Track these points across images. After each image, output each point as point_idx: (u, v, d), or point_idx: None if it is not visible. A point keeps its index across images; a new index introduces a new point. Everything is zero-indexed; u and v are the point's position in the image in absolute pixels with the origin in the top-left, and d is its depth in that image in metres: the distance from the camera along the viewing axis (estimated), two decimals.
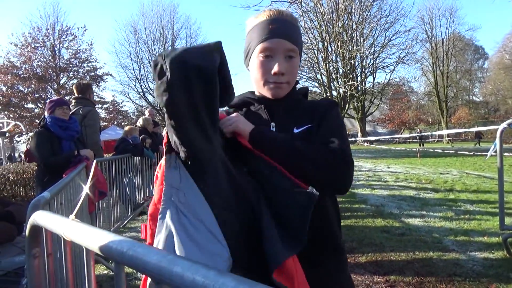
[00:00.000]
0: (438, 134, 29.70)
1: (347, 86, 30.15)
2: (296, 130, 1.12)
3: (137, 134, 6.20)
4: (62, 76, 26.25)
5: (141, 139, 6.19)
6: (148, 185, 6.52)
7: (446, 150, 18.21)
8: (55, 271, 1.20)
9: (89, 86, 4.89)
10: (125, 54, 28.87)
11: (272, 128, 1.14)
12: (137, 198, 6.00)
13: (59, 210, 2.04)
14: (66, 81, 26.11)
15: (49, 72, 25.39)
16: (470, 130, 26.69)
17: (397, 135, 31.98)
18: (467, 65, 39.66)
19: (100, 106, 27.28)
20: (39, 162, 3.65)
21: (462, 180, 8.76)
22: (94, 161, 2.25)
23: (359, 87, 33.02)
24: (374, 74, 35.73)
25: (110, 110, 28.83)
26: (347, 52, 30.56)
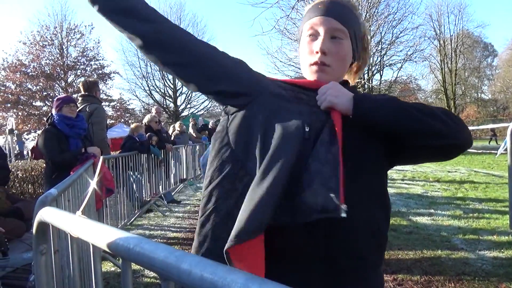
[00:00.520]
0: None
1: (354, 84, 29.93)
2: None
3: (143, 131, 6.22)
4: (69, 74, 26.42)
5: (147, 137, 6.20)
6: (155, 182, 6.54)
7: None
8: (62, 268, 1.20)
9: (95, 84, 4.91)
10: (132, 52, 28.90)
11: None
12: (144, 195, 6.02)
13: (67, 207, 2.04)
14: (73, 79, 26.28)
15: (57, 70, 25.56)
16: (479, 128, 26.43)
17: None
18: (476, 62, 39.20)
19: (107, 104, 27.39)
20: (47, 159, 3.67)
21: (471, 178, 8.68)
22: (101, 158, 2.25)
23: (366, 85, 32.76)
24: (381, 72, 35.40)
25: (117, 108, 28.94)
26: None
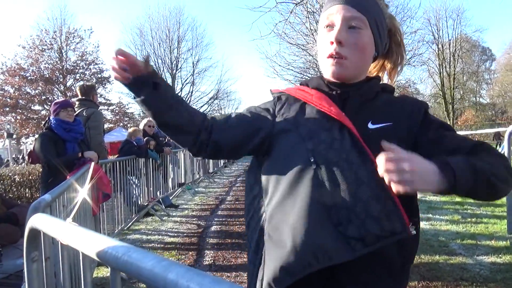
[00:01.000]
0: None
1: None
2: (372, 125, 0.95)
3: (141, 135, 6.21)
4: (68, 78, 26.41)
5: (145, 141, 6.19)
6: (152, 186, 6.52)
7: None
8: (53, 275, 1.19)
9: (92, 88, 4.91)
10: None
11: None
12: (141, 200, 6.00)
13: (61, 212, 2.03)
14: (72, 83, 26.25)
15: (56, 74, 25.57)
16: (477, 132, 26.43)
17: None
18: (474, 66, 39.30)
19: (106, 108, 27.41)
20: (43, 163, 3.66)
21: None
22: (92, 163, 2.23)
23: None
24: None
25: (116, 112, 28.95)
26: None
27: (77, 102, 4.71)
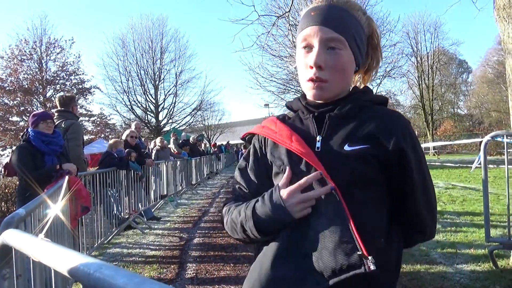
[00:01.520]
0: (425, 146, 30.06)
1: None
2: (348, 147, 0.90)
3: (122, 147, 6.12)
4: (48, 89, 25.92)
5: (126, 152, 6.10)
6: (134, 199, 6.41)
7: (432, 162, 18.42)
8: None
9: (72, 99, 4.84)
10: (113, 67, 28.59)
11: (317, 142, 0.95)
12: (122, 212, 5.89)
13: (36, 227, 1.97)
14: (52, 93, 25.76)
15: (35, 84, 25.06)
16: (455, 143, 27.07)
17: None
18: (452, 78, 40.40)
19: (87, 119, 26.96)
20: (20, 176, 3.56)
21: (449, 192, 8.83)
22: (67, 176, 2.18)
23: None
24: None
25: (98, 123, 28.50)
26: None
27: (56, 114, 4.63)
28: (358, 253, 0.80)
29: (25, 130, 3.74)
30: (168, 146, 10.05)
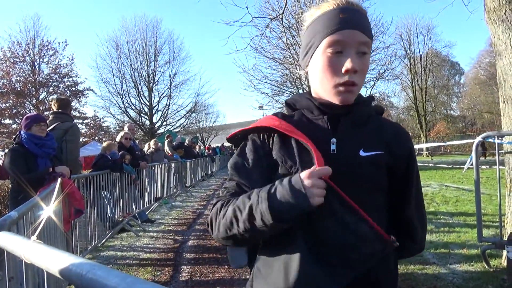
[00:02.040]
0: (418, 147, 30.24)
1: None
2: (363, 153, 0.92)
3: (116, 149, 6.09)
4: (41, 91, 25.73)
5: (120, 155, 6.07)
6: (128, 201, 6.38)
7: (425, 163, 18.55)
8: None
9: (69, 102, 4.82)
10: (106, 69, 28.44)
11: (332, 144, 0.93)
12: (116, 215, 5.86)
13: (29, 230, 1.96)
14: (45, 96, 25.59)
15: (28, 87, 24.87)
16: (448, 144, 27.27)
17: None
18: (444, 80, 40.76)
19: (80, 121, 26.80)
20: (13, 179, 3.54)
21: (442, 192, 8.90)
22: (59, 179, 2.17)
23: None
24: None
25: (91, 125, 28.33)
26: None
27: (51, 116, 4.60)
28: (380, 238, 0.87)
29: (17, 133, 3.72)
30: (162, 148, 10.02)
